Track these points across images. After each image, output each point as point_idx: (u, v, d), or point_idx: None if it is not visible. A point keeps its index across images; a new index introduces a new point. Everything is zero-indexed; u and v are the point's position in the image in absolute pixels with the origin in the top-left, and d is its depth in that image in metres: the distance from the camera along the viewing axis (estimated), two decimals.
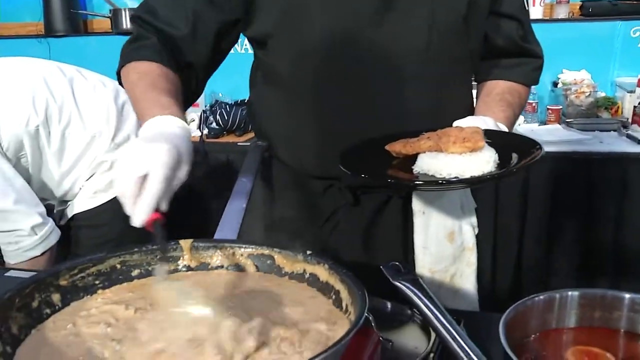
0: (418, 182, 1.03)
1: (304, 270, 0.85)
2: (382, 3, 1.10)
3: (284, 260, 0.87)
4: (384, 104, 1.17)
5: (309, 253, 0.85)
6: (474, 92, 1.33)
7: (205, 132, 2.97)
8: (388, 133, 1.13)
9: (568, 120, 2.92)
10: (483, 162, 1.02)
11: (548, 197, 2.43)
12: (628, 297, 0.82)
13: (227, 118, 2.97)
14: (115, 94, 1.95)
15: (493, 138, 1.08)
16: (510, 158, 1.06)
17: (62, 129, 1.83)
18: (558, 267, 2.49)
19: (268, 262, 0.88)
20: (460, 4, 1.12)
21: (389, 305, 1.08)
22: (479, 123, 1.10)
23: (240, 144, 2.83)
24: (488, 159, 1.02)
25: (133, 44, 1.14)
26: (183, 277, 0.89)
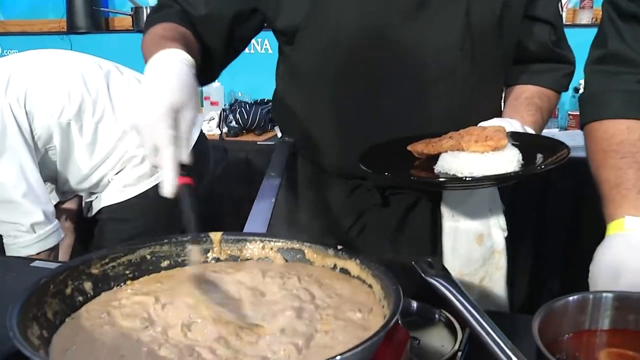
0: (441, 179, 1.03)
1: (335, 265, 0.85)
2: None
3: (314, 255, 0.87)
4: (411, 103, 1.16)
5: (340, 248, 0.84)
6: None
7: (225, 130, 2.99)
8: (410, 134, 1.13)
9: None
10: (506, 161, 1.01)
11: (569, 201, 2.41)
12: None
13: (246, 117, 2.99)
14: None
15: (518, 140, 1.07)
16: (535, 158, 1.05)
17: (95, 123, 1.85)
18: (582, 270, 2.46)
19: (298, 256, 0.88)
20: (496, 4, 1.12)
21: (415, 305, 1.08)
22: (505, 125, 1.09)
23: (260, 143, 2.84)
24: (512, 158, 1.02)
25: (155, 14, 1.14)
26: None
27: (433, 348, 0.98)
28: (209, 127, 3.03)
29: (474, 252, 1.23)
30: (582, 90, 1.19)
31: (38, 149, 1.81)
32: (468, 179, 0.99)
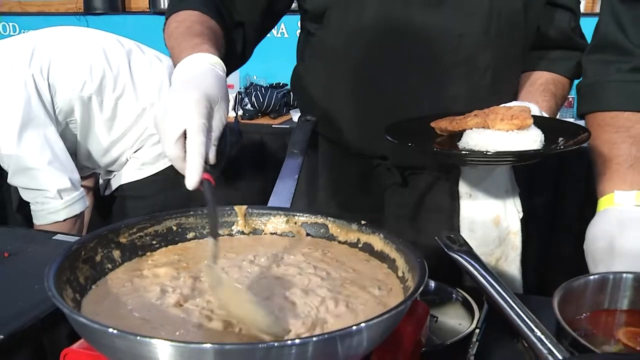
0: (465, 151, 1.04)
1: (358, 240, 0.86)
2: None
3: (338, 230, 0.88)
4: (432, 85, 1.17)
5: (364, 223, 0.85)
6: None
7: (240, 113, 3.00)
8: (432, 113, 1.13)
9: None
10: (530, 140, 1.02)
11: (583, 189, 2.41)
12: None
13: (262, 100, 3.00)
14: (170, 70, 1.99)
15: (540, 123, 1.08)
16: (557, 140, 1.06)
17: (115, 98, 1.88)
18: None
19: (321, 230, 0.89)
20: None
21: (433, 284, 1.09)
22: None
23: (275, 127, 2.86)
24: (535, 138, 1.02)
25: None
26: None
27: (451, 326, 1.00)
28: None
29: (491, 232, 1.24)
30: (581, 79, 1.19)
31: (59, 122, 1.84)
32: (493, 153, 1.00)
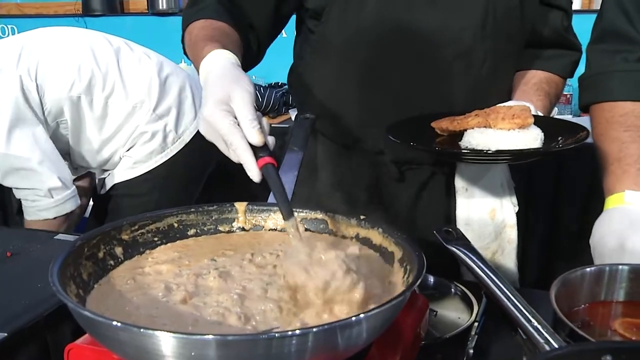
0: (466, 150, 1.05)
1: (357, 234, 0.87)
2: None
3: (337, 225, 0.89)
4: (430, 79, 1.18)
5: (363, 218, 0.86)
6: None
7: None
8: (430, 111, 1.15)
9: None
10: (530, 139, 1.04)
11: (582, 186, 2.42)
12: None
13: (260, 100, 3.00)
14: (159, 67, 2.00)
15: (539, 122, 1.10)
16: (556, 138, 1.08)
17: (105, 97, 1.89)
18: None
19: (321, 226, 0.91)
20: None
21: (432, 279, 1.10)
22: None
23: (275, 126, 2.86)
24: (535, 137, 1.05)
25: (191, 8, 1.15)
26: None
27: (450, 320, 1.01)
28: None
29: (487, 225, 1.25)
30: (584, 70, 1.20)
31: (49, 123, 1.86)
32: (495, 152, 1.02)
